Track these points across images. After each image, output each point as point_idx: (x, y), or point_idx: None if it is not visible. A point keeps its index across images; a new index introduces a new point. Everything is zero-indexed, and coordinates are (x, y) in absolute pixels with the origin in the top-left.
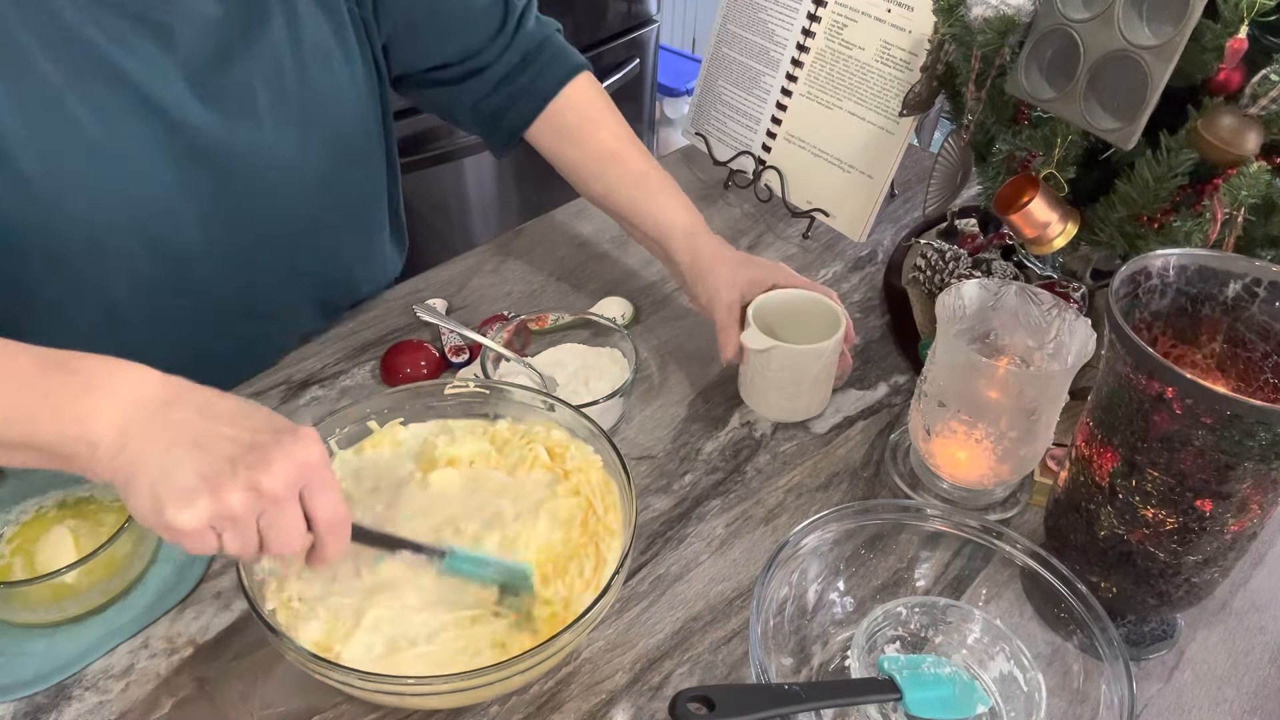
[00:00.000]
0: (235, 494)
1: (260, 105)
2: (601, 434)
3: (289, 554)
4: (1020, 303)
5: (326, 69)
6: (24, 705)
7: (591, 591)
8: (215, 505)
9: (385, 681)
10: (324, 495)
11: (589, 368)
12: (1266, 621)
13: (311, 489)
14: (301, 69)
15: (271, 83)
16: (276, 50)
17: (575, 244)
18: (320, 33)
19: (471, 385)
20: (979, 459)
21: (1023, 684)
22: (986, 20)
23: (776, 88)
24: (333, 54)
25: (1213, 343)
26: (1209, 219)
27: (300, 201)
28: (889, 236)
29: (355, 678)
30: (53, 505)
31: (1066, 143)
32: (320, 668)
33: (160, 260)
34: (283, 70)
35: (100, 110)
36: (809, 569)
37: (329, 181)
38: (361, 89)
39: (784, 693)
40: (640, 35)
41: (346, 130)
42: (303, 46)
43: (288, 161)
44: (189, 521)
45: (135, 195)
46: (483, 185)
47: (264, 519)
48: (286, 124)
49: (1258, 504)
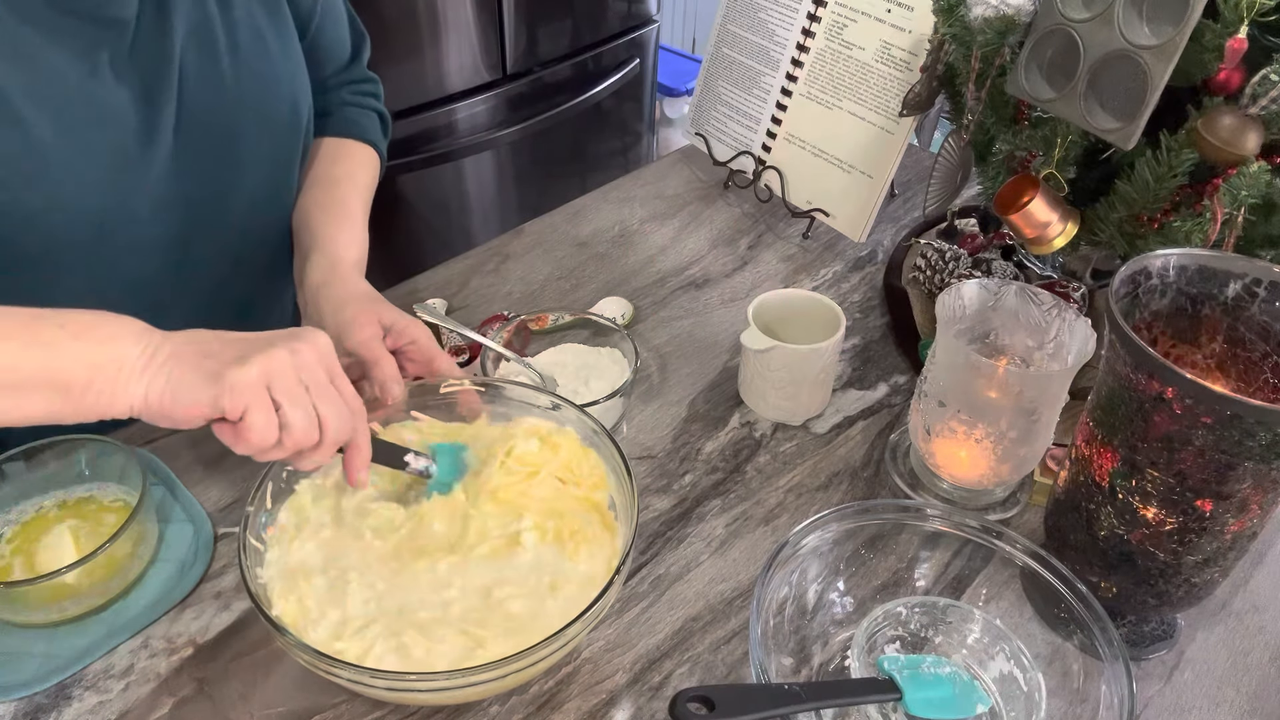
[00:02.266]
0: (280, 352)
1: (192, 88)
2: (603, 432)
3: (342, 437)
4: (1020, 303)
5: (261, 50)
6: (24, 705)
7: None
8: (266, 361)
9: (390, 679)
10: (347, 382)
11: (589, 367)
12: (1266, 621)
13: (336, 373)
14: (235, 49)
15: (206, 75)
16: (212, 40)
17: (575, 244)
18: (254, 13)
19: (466, 384)
20: (979, 459)
21: (1023, 684)
22: (986, 20)
23: (776, 88)
24: (265, 34)
25: (1213, 343)
26: (1209, 219)
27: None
28: (889, 236)
29: (367, 675)
30: (53, 505)
31: (1066, 143)
32: (325, 665)
33: (113, 256)
34: (217, 50)
35: (45, 109)
36: (809, 569)
37: (264, 162)
38: (293, 67)
39: (784, 693)
40: (640, 35)
41: (280, 113)
42: (236, 33)
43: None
44: (248, 375)
45: (83, 196)
46: (483, 185)
47: (314, 391)
48: (221, 106)
49: (1258, 504)
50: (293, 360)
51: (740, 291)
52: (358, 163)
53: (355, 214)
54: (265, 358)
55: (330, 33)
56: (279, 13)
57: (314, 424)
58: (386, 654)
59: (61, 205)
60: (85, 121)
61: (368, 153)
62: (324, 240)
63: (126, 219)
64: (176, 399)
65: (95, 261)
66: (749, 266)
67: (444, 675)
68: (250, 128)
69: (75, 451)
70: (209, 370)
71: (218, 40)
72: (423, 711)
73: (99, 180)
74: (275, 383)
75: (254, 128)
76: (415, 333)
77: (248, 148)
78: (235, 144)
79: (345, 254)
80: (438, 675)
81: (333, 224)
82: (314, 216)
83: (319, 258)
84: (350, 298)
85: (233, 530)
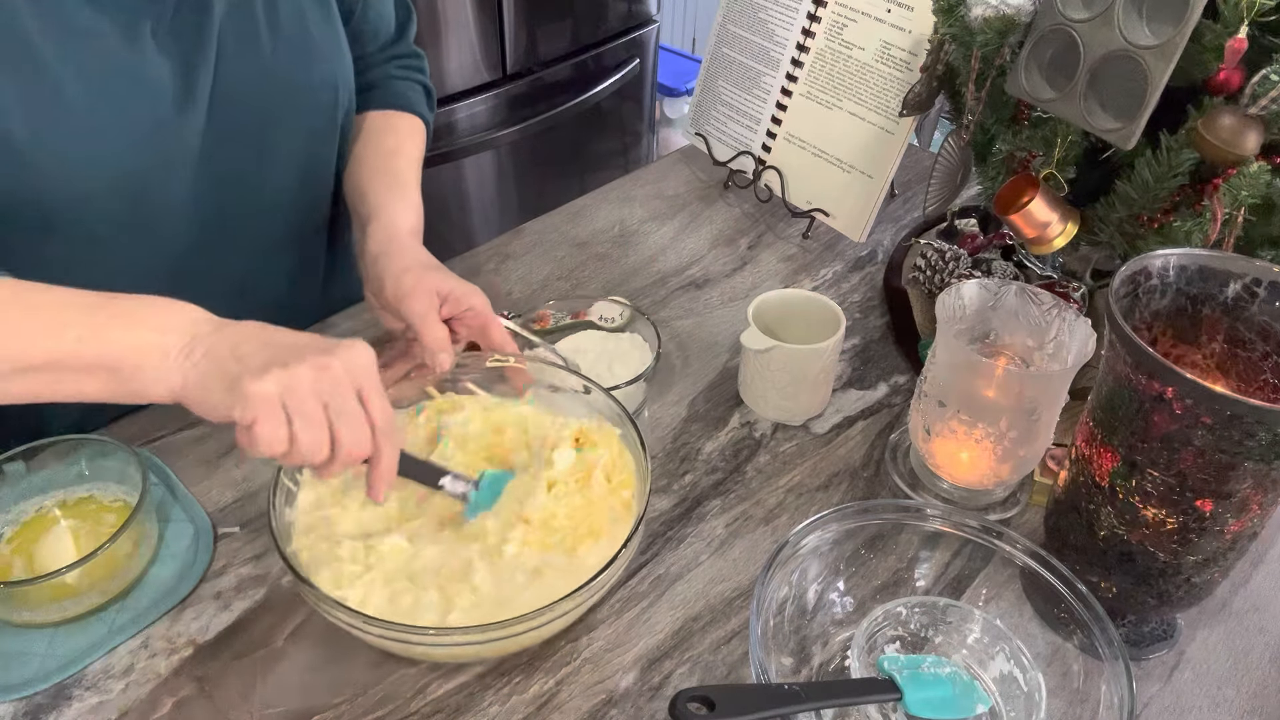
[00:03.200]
0: (304, 368)
1: (229, 61)
2: (625, 415)
3: (357, 456)
4: (1020, 303)
5: (301, 30)
6: (24, 705)
7: None
8: (286, 377)
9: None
10: (380, 399)
11: (610, 353)
12: (1266, 621)
13: (367, 392)
14: (275, 25)
15: (245, 52)
16: (253, 16)
17: (575, 244)
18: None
19: (511, 361)
20: (979, 459)
21: (1023, 684)
22: (986, 20)
23: (776, 88)
24: (307, 14)
25: (1213, 343)
26: (1209, 219)
27: (280, 157)
28: (889, 236)
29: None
30: (53, 505)
31: (1066, 143)
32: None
33: (147, 226)
34: (256, 24)
35: (81, 73)
36: (809, 569)
37: (299, 138)
38: (334, 46)
39: (784, 693)
40: (640, 35)
41: (316, 91)
42: (277, 10)
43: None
44: (263, 389)
45: (118, 160)
46: (483, 185)
47: (332, 408)
48: (257, 80)
49: (1258, 504)
50: (315, 376)
51: (740, 291)
52: (405, 133)
53: (409, 183)
54: (286, 373)
55: (376, 8)
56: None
57: (324, 442)
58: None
59: (95, 165)
60: (118, 85)
61: (415, 123)
62: (380, 210)
63: (160, 185)
64: (199, 397)
65: (129, 231)
66: (749, 266)
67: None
68: (285, 104)
69: (75, 451)
70: (231, 375)
71: (258, 14)
72: (423, 711)
73: (132, 144)
74: (290, 399)
75: (289, 104)
76: (472, 300)
77: (282, 124)
78: (269, 119)
79: (402, 222)
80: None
81: (388, 194)
82: (369, 187)
83: (376, 227)
84: (408, 266)
85: (233, 530)
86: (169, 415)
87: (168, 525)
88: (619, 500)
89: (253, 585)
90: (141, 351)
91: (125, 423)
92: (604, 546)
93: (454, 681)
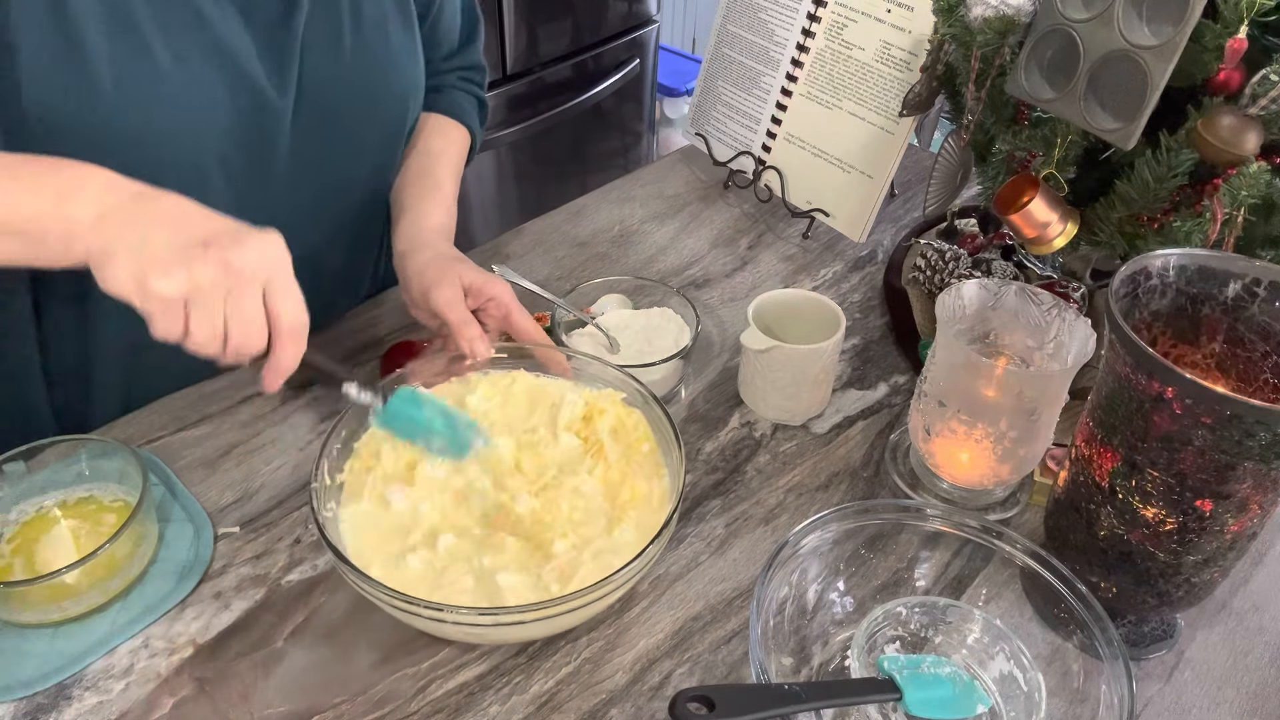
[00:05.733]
0: (208, 269)
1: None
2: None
3: (246, 353)
4: (1020, 303)
5: (382, 37)
6: (24, 705)
7: None
8: (189, 279)
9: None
10: (287, 297)
11: (651, 328)
12: (1266, 621)
13: (275, 288)
14: (358, 30)
15: (326, 50)
16: (337, 16)
17: (575, 244)
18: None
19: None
20: (979, 459)
21: (1023, 684)
22: (986, 20)
23: (776, 88)
24: (389, 21)
25: (1213, 343)
26: (1209, 219)
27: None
28: (889, 236)
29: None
30: (53, 505)
31: (1066, 143)
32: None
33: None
34: (341, 28)
35: (172, 44)
36: (809, 569)
37: (369, 149)
38: (412, 60)
39: (784, 693)
40: (640, 35)
41: (389, 103)
42: (361, 14)
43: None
44: (169, 289)
45: (193, 133)
46: (483, 185)
47: (229, 303)
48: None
49: (1258, 504)
50: (218, 276)
51: (740, 291)
52: (450, 140)
53: (444, 184)
54: (189, 274)
55: (448, 18)
56: (406, 3)
57: (217, 338)
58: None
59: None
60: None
61: (462, 133)
62: (410, 208)
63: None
64: (103, 274)
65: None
66: (749, 266)
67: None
68: (361, 108)
69: (75, 451)
70: (137, 265)
71: (343, 16)
72: (423, 711)
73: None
74: (193, 296)
75: (365, 109)
76: (494, 289)
77: (358, 122)
78: (347, 116)
79: (429, 220)
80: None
81: (420, 194)
82: (405, 188)
83: (404, 225)
84: (432, 260)
85: (233, 530)
86: (169, 415)
87: (168, 525)
88: (640, 456)
89: (253, 585)
90: (44, 217)
91: (125, 423)
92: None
93: (454, 681)
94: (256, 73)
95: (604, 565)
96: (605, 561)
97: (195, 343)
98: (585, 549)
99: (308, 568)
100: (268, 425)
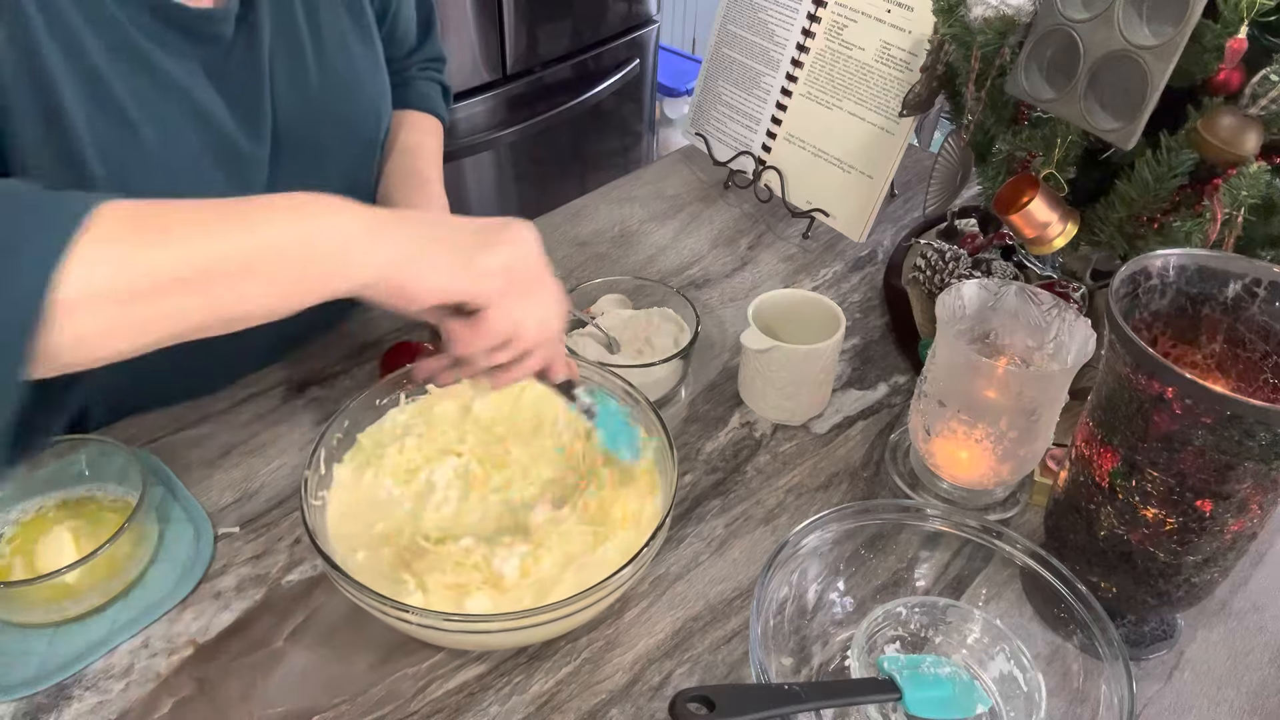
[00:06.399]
0: (505, 246)
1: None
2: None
3: (536, 345)
4: (1020, 303)
5: (346, 58)
6: (24, 705)
7: None
8: (508, 249)
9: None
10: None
11: (650, 326)
12: (1266, 621)
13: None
14: (320, 55)
15: (293, 84)
16: (299, 45)
17: (575, 244)
18: (339, 19)
19: None
20: (979, 459)
21: (1023, 684)
22: (986, 20)
23: (776, 88)
24: (349, 38)
25: (1213, 343)
26: (1209, 219)
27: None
28: (889, 236)
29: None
30: (53, 505)
31: (1066, 143)
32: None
33: None
34: (304, 58)
35: (153, 116)
36: (809, 569)
37: (346, 175)
38: (376, 73)
39: (784, 693)
40: (640, 35)
41: (362, 121)
42: (321, 37)
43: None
44: (496, 261)
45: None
46: (483, 185)
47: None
48: (308, 114)
49: (1258, 504)
50: (530, 251)
51: (740, 291)
52: (425, 131)
53: (430, 179)
54: (504, 247)
55: (405, 17)
56: (362, 15)
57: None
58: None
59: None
60: (188, 126)
61: (433, 122)
62: (401, 207)
63: None
64: (413, 275)
65: None
66: (749, 266)
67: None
68: (334, 134)
69: (75, 451)
70: (452, 255)
71: (305, 48)
72: (423, 711)
73: (209, 183)
74: (513, 267)
75: (337, 135)
76: None
77: (332, 150)
78: (321, 148)
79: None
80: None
81: (408, 191)
82: (393, 190)
83: None
84: None
85: (233, 530)
86: (169, 415)
87: (168, 525)
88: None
89: (253, 585)
90: (316, 236)
91: (125, 423)
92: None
93: (454, 681)
94: (230, 128)
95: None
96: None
97: (528, 336)
98: (569, 565)
99: (308, 568)
100: (268, 425)
